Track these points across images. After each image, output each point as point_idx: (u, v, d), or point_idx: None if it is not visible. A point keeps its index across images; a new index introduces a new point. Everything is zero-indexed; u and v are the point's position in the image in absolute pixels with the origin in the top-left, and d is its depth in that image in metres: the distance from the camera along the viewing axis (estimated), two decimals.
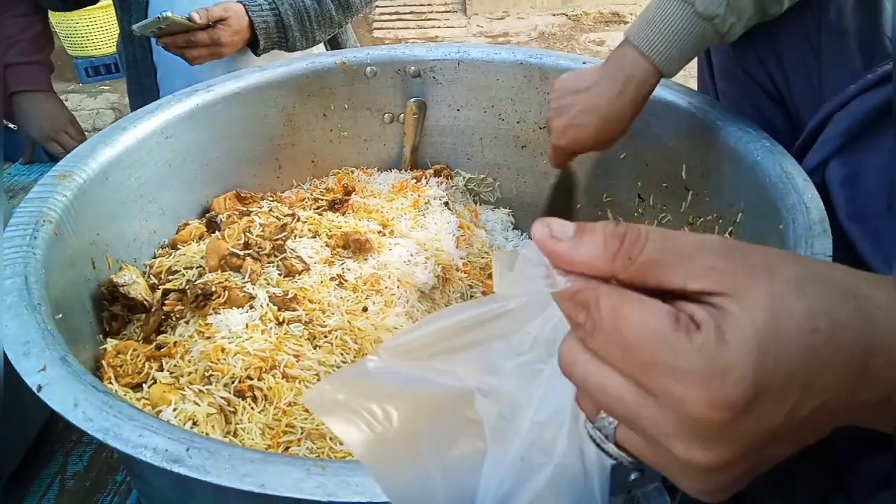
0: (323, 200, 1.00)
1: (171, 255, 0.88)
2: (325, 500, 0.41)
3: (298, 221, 0.91)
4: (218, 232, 0.87)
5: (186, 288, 0.79)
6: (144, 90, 1.35)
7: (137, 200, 0.86)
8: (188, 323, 0.77)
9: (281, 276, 0.82)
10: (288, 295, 0.78)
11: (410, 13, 3.11)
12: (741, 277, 0.27)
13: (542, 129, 1.05)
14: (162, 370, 0.72)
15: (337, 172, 1.10)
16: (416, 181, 1.07)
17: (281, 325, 0.76)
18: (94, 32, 2.33)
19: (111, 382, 0.71)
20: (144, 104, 0.91)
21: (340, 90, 1.06)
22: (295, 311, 0.77)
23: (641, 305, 0.27)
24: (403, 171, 1.12)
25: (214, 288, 0.76)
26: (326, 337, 0.76)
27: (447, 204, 1.03)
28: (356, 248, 0.87)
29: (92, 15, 2.26)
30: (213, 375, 0.70)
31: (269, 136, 1.03)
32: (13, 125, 1.46)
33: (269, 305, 0.77)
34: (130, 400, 0.68)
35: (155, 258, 0.89)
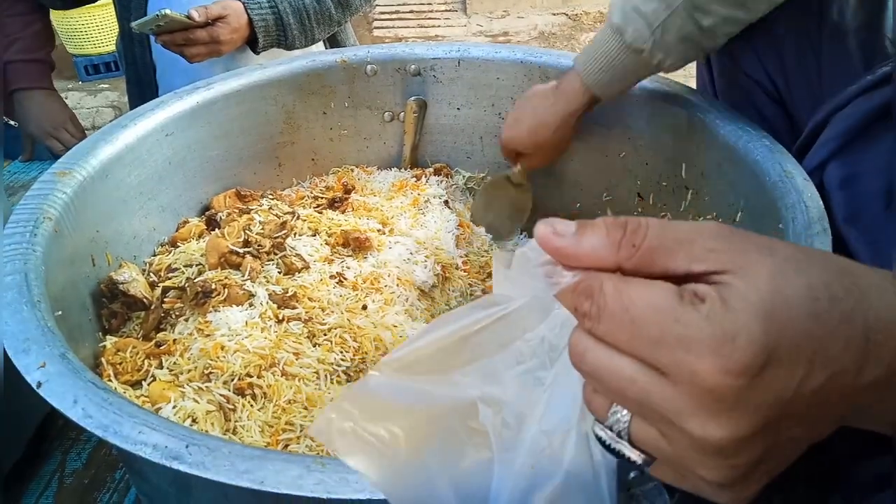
0: (323, 198, 1.00)
1: (170, 252, 0.88)
2: (324, 496, 0.41)
3: (298, 219, 0.91)
4: (218, 230, 0.87)
5: (186, 285, 0.79)
6: (144, 88, 1.35)
7: (137, 198, 0.86)
8: (188, 320, 0.77)
9: (280, 273, 0.82)
10: (287, 293, 0.78)
11: (410, 12, 3.11)
12: (741, 255, 0.28)
13: None
14: (161, 368, 0.72)
15: (337, 170, 1.11)
16: (416, 179, 1.07)
17: (280, 322, 0.76)
18: (93, 31, 2.32)
19: (110, 380, 0.71)
20: (143, 102, 0.91)
21: (341, 88, 1.06)
22: (294, 308, 0.77)
23: (645, 284, 0.28)
24: (403, 169, 1.12)
25: (214, 286, 0.76)
26: (326, 335, 0.76)
27: (447, 202, 1.03)
28: (356, 246, 0.87)
29: (91, 13, 2.25)
30: (212, 373, 0.70)
31: (269, 133, 1.03)
32: (13, 122, 1.46)
33: (268, 303, 0.77)
34: (130, 397, 0.68)
35: (155, 256, 0.89)
